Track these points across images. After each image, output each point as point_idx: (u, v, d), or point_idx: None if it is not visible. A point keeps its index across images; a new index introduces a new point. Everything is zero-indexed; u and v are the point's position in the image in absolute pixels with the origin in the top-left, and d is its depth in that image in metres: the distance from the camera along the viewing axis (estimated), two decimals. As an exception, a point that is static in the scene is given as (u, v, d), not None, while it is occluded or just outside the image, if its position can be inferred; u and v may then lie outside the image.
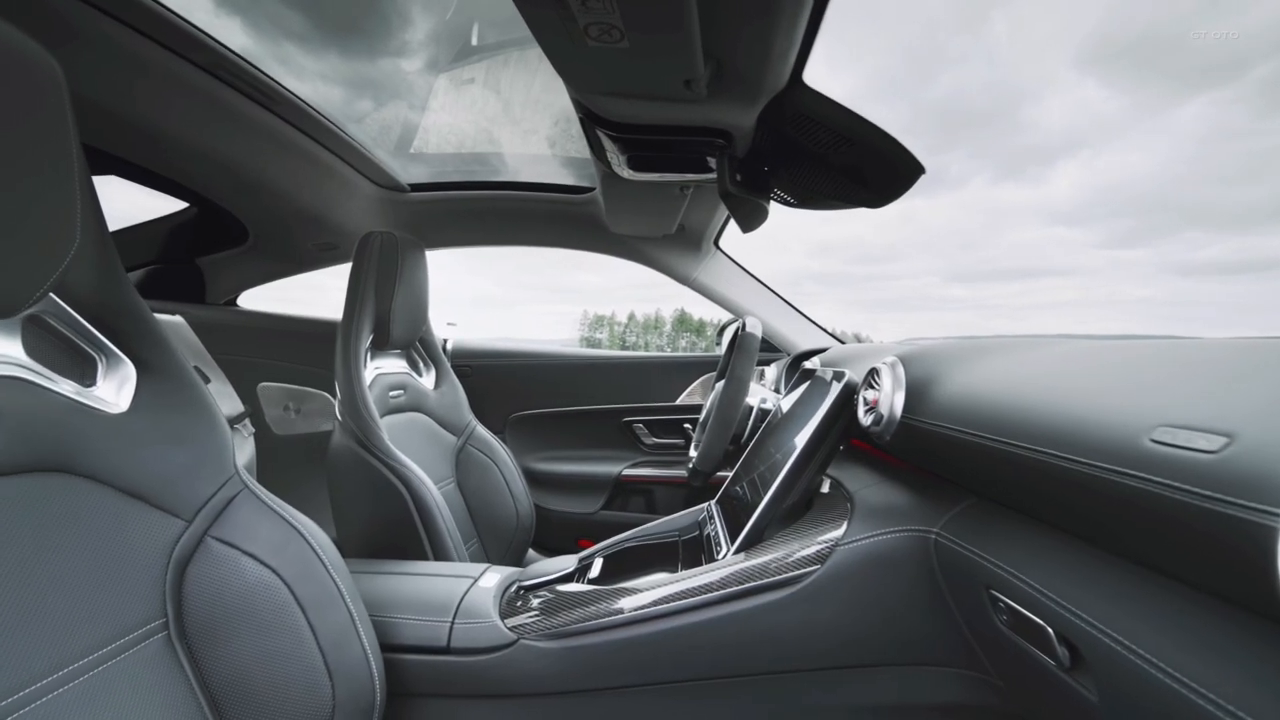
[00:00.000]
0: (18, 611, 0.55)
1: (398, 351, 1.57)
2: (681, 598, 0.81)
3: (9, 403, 0.58)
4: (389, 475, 1.23)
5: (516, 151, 1.83)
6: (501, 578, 0.98)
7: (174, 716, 0.65)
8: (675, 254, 1.95)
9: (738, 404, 1.19)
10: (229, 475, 0.76)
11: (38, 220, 0.56)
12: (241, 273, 1.97)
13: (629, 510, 1.95)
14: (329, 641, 0.74)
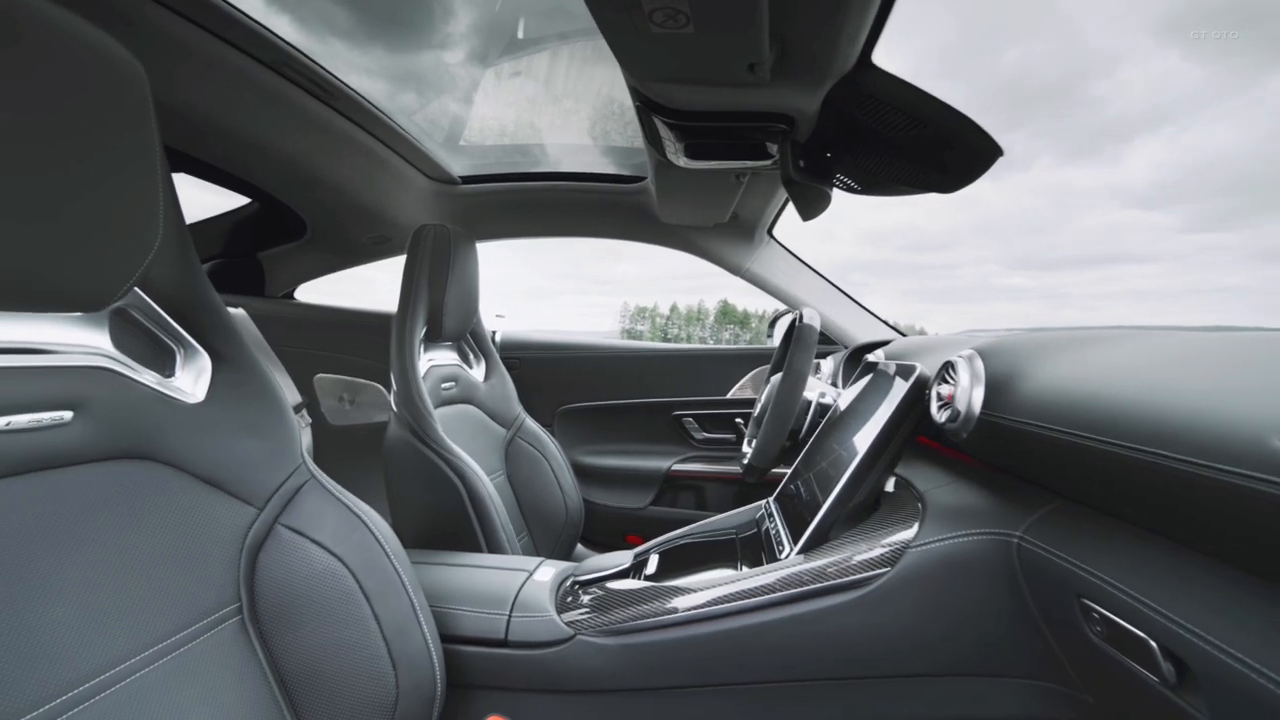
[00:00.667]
0: (112, 591, 0.59)
1: (449, 343, 1.61)
2: (743, 597, 0.80)
3: (99, 392, 0.61)
4: (444, 467, 1.26)
5: (562, 142, 1.84)
6: (557, 572, 0.99)
7: (248, 699, 0.68)
8: (727, 243, 1.93)
9: (795, 398, 1.18)
10: (297, 464, 0.79)
11: (126, 217, 0.59)
12: (299, 266, 2.04)
13: (678, 506, 1.95)
14: (392, 631, 0.76)
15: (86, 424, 0.60)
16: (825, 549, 0.82)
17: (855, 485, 0.84)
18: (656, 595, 0.86)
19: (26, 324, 0.58)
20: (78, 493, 0.58)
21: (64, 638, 0.54)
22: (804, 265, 1.94)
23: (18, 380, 0.55)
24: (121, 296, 0.62)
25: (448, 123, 1.69)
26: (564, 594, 0.94)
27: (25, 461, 0.55)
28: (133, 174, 0.59)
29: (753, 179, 1.53)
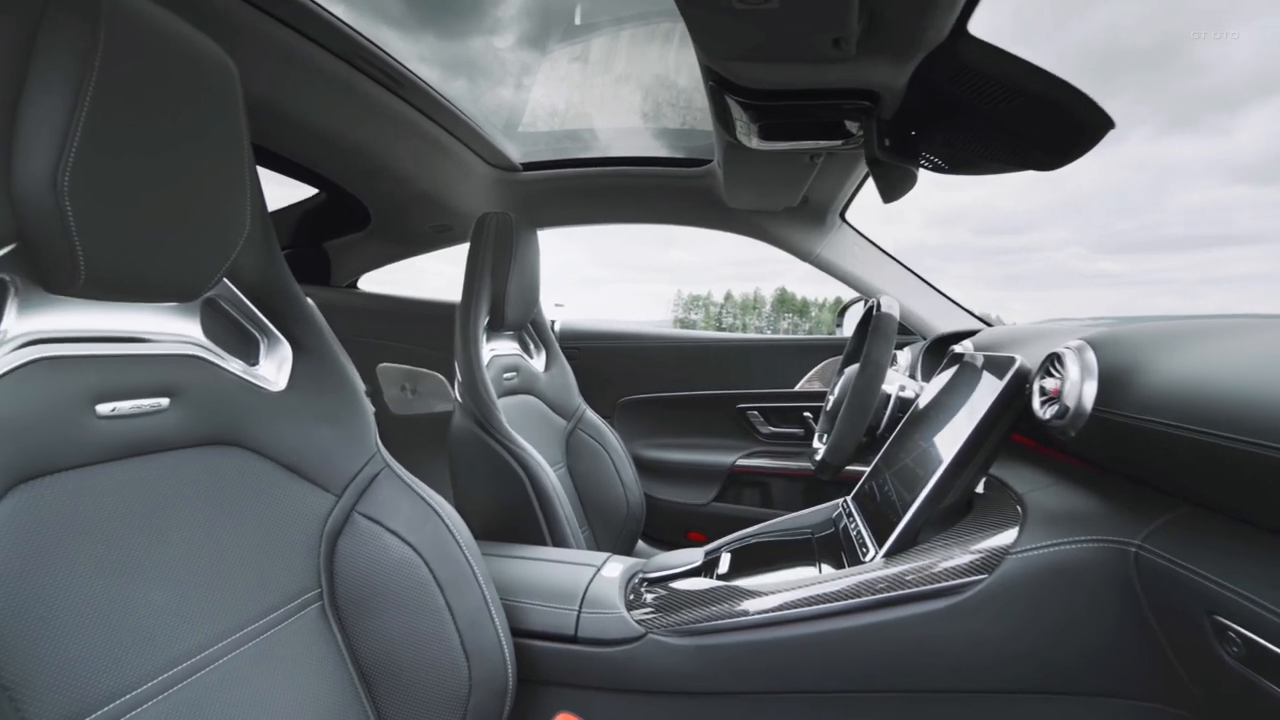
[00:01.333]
0: (204, 575, 0.62)
1: (510, 333, 1.63)
2: (825, 600, 0.79)
3: (193, 380, 0.64)
4: (508, 458, 1.28)
5: (615, 126, 1.84)
6: (625, 568, 0.99)
7: (329, 685, 0.71)
8: (797, 228, 1.90)
9: (874, 391, 1.14)
10: (372, 453, 0.81)
11: (219, 209, 0.62)
12: (363, 255, 2.11)
13: (742, 504, 1.94)
14: (465, 622, 0.78)
15: (181, 410, 0.63)
16: (914, 553, 0.79)
17: (946, 486, 0.82)
18: (731, 595, 0.85)
19: (127, 314, 0.61)
20: (173, 477, 0.62)
21: (161, 619, 0.57)
22: (879, 250, 1.89)
23: (121, 368, 0.58)
24: (213, 287, 0.65)
25: (502, 109, 1.71)
26: (632, 591, 0.94)
27: (128, 446, 0.58)
28: (224, 166, 0.62)
29: (827, 160, 1.49)
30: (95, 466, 0.56)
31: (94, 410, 0.56)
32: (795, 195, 1.70)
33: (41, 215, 0.50)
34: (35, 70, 0.49)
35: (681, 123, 1.76)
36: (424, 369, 2.11)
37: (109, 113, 0.51)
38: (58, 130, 0.49)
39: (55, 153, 0.49)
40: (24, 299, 0.53)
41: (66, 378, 0.54)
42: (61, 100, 0.49)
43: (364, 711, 0.74)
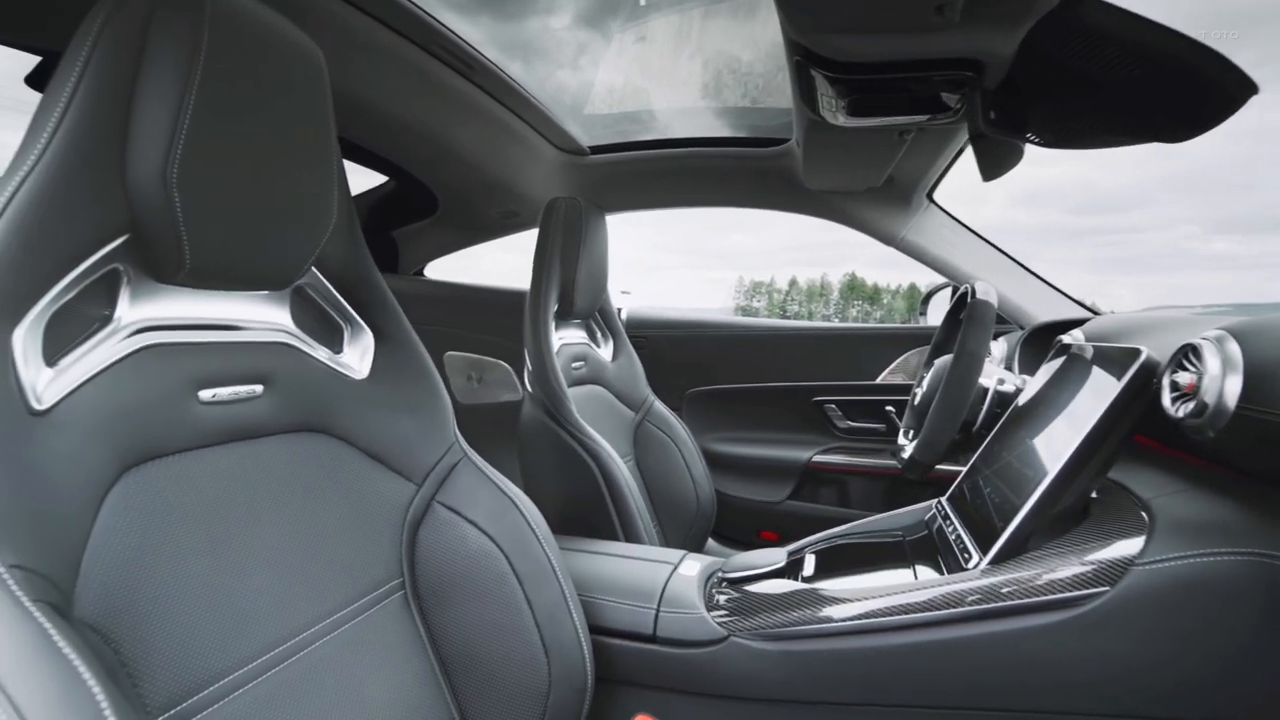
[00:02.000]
0: (298, 560, 0.65)
1: (578, 321, 1.64)
2: (925, 608, 0.76)
3: (284, 367, 0.67)
4: (579, 450, 1.29)
5: (682, 106, 1.83)
6: (703, 566, 0.99)
7: (413, 674, 0.73)
8: (880, 209, 1.84)
9: (970, 385, 1.10)
10: (451, 442, 0.83)
11: (310, 197, 0.65)
12: (430, 243, 2.16)
13: (818, 502, 1.90)
14: (544, 617, 0.79)
15: (274, 397, 0.66)
16: (1023, 560, 0.76)
17: (1060, 489, 0.78)
18: (819, 599, 0.83)
19: (223, 302, 0.64)
20: (268, 463, 0.65)
21: (259, 604, 0.60)
22: (970, 233, 1.82)
23: (220, 355, 0.61)
24: (302, 275, 0.67)
25: (561, 92, 1.71)
26: (712, 591, 0.94)
27: (227, 432, 0.61)
28: (314, 155, 0.65)
29: (916, 136, 1.45)
30: (198, 451, 0.59)
31: (197, 396, 0.59)
32: (880, 175, 1.66)
33: (152, 207, 0.52)
34: (145, 68, 0.52)
35: (748, 100, 1.73)
36: (490, 358, 2.15)
37: (211, 106, 0.54)
38: (167, 124, 0.52)
39: (164, 146, 0.52)
40: (135, 288, 0.57)
41: (172, 364, 0.57)
42: (170, 95, 0.52)
43: (445, 703, 0.76)
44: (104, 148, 0.51)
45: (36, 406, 0.47)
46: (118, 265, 0.55)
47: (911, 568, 0.91)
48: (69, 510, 0.47)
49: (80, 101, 0.50)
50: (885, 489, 1.83)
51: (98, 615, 0.48)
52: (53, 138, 0.49)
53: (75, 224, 0.50)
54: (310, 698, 0.62)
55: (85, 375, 0.51)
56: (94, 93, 0.51)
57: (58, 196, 0.48)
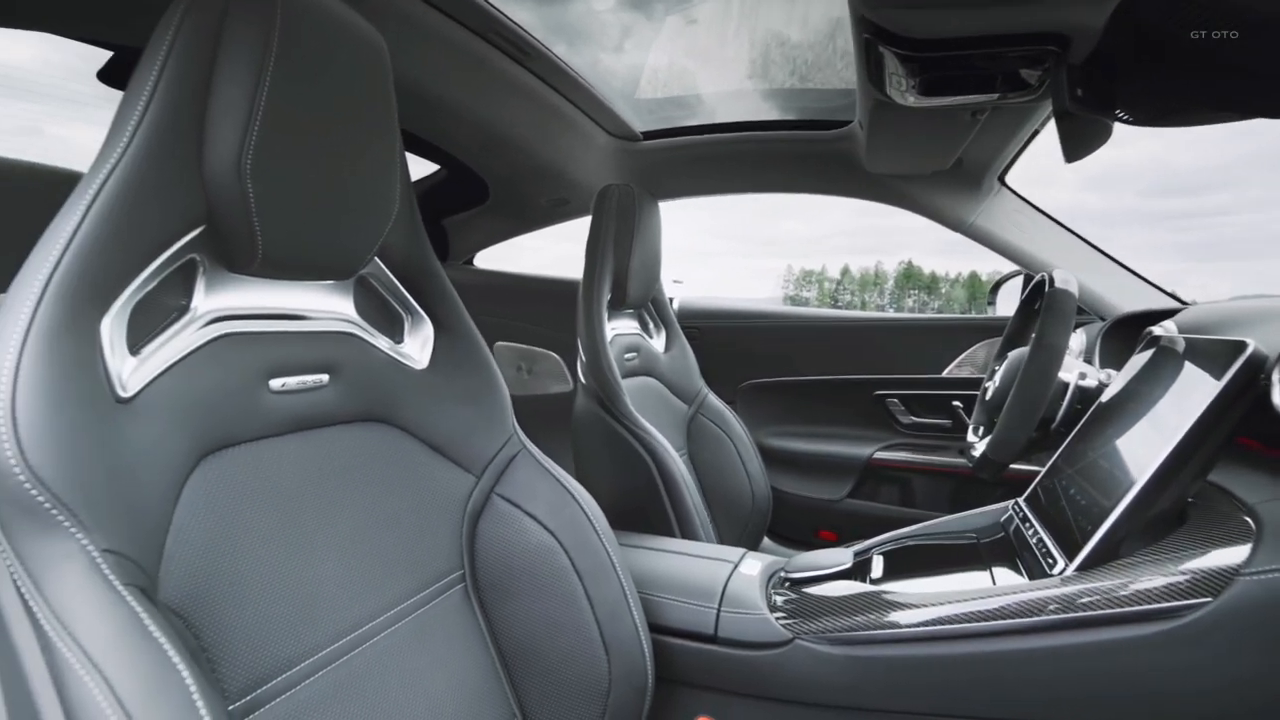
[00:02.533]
0: (364, 550, 0.66)
1: (630, 311, 1.64)
2: (1005, 615, 0.74)
3: (348, 357, 0.69)
4: (633, 443, 1.29)
5: (730, 89, 1.81)
6: (764, 566, 0.98)
7: (474, 667, 0.75)
8: (947, 194, 1.79)
9: (1050, 379, 1.06)
10: (509, 434, 0.84)
11: (374, 187, 0.66)
12: (480, 232, 2.19)
13: (880, 501, 1.87)
14: (604, 614, 0.79)
15: (339, 386, 0.68)
16: (1114, 567, 0.73)
17: (1155, 492, 0.74)
18: (890, 603, 0.82)
19: (290, 291, 0.66)
20: (334, 452, 0.66)
21: (328, 592, 0.62)
22: (1046, 218, 1.76)
23: (288, 344, 0.63)
24: (366, 264, 0.69)
25: (605, 76, 1.71)
26: (774, 591, 0.93)
27: (295, 420, 0.63)
28: (378, 144, 0.66)
29: (990, 115, 1.40)
30: (270, 440, 0.61)
31: (268, 385, 0.61)
32: (949, 157, 1.61)
33: (228, 198, 0.54)
34: (221, 60, 0.54)
35: (796, 78, 1.70)
36: (540, 348, 2.17)
37: (283, 97, 0.55)
38: (241, 116, 0.53)
39: (239, 137, 0.53)
40: (210, 278, 0.59)
41: (245, 353, 0.59)
42: (244, 86, 0.53)
43: (506, 698, 0.77)
44: (183, 140, 0.53)
45: (122, 394, 0.49)
46: (195, 255, 0.57)
47: (988, 572, 0.89)
48: (153, 496, 0.49)
49: (161, 96, 0.52)
50: (951, 488, 1.78)
51: (180, 600, 0.50)
52: (136, 131, 0.50)
53: (157, 215, 0.52)
54: (376, 688, 0.63)
55: (165, 364, 0.53)
56: (173, 87, 0.52)
57: (141, 188, 0.50)
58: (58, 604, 0.40)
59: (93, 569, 0.41)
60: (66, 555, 0.41)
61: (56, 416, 0.43)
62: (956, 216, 1.80)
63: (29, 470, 0.41)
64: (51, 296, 0.45)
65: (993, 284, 2.15)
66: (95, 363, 0.47)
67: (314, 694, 0.58)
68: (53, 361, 0.44)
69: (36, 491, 0.41)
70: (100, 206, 0.48)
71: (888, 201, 1.89)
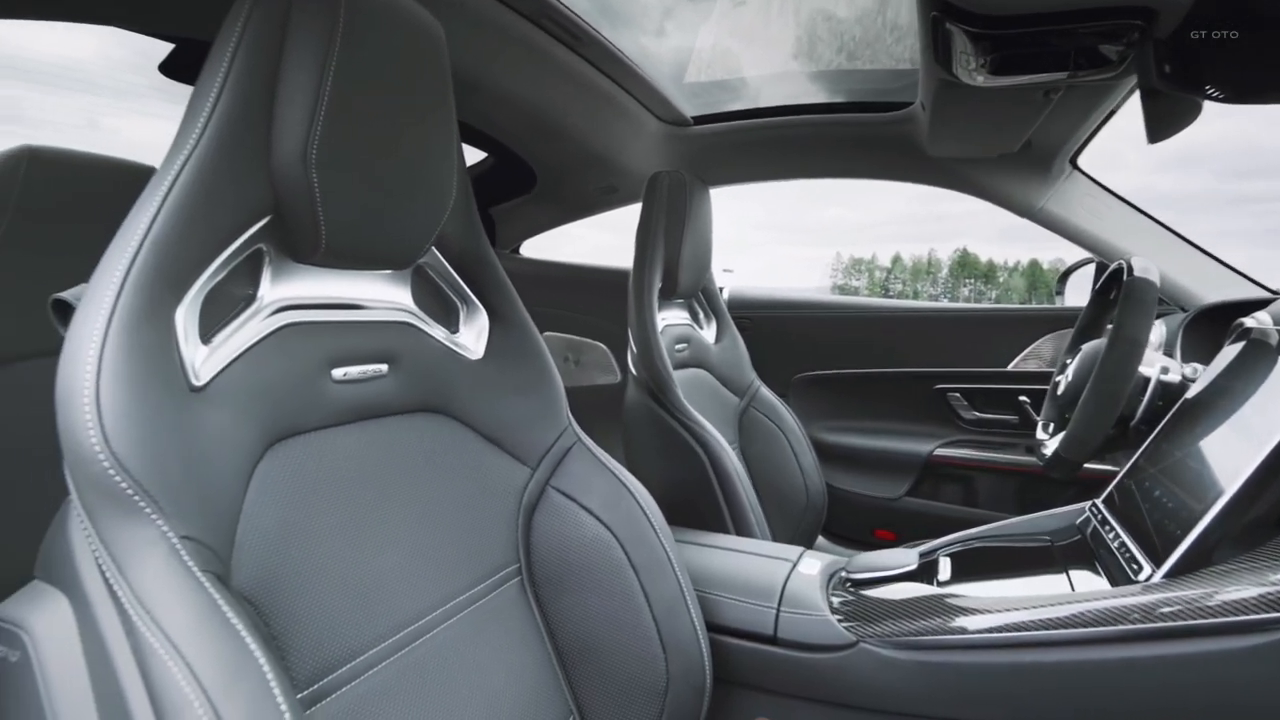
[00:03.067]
0: (424, 541, 0.68)
1: (680, 301, 1.63)
2: (1082, 623, 0.72)
3: (406, 346, 0.70)
4: (686, 436, 1.29)
5: (764, 73, 1.78)
6: (824, 565, 0.97)
7: (531, 662, 0.76)
8: (1014, 177, 1.74)
9: (1129, 374, 1.03)
10: (564, 427, 0.84)
11: (432, 175, 0.67)
12: (527, 220, 2.20)
13: (940, 500, 1.84)
14: (662, 611, 0.79)
15: (398, 376, 0.69)
16: (1206, 575, 0.70)
17: (1252, 495, 0.71)
18: (959, 607, 0.80)
19: (350, 281, 0.67)
20: (394, 442, 0.68)
21: (390, 583, 0.63)
22: (1122, 202, 1.69)
23: (350, 334, 0.65)
24: (424, 253, 0.70)
25: (662, 61, 1.70)
26: (835, 592, 0.92)
27: (356, 410, 0.65)
28: (436, 133, 0.67)
29: (1063, 95, 1.36)
30: (333, 429, 0.62)
31: (330, 374, 0.62)
32: (1018, 139, 1.56)
33: (294, 188, 0.56)
34: (288, 52, 0.55)
35: (844, 56, 1.67)
36: (587, 339, 2.18)
37: (346, 87, 0.56)
38: (307, 107, 0.55)
39: (305, 128, 0.55)
40: (275, 267, 0.60)
41: (309, 343, 0.61)
42: (310, 77, 0.55)
43: (563, 694, 0.78)
44: (252, 132, 0.55)
45: (196, 383, 0.51)
46: (261, 245, 0.59)
47: (1065, 576, 0.86)
48: (225, 484, 0.51)
49: (230, 88, 0.53)
50: (1016, 487, 1.74)
51: (250, 588, 0.51)
52: (207, 124, 0.52)
53: (227, 206, 0.53)
54: (438, 680, 0.64)
55: (235, 353, 0.55)
56: (242, 79, 0.54)
57: (213, 180, 0.52)
58: (140, 588, 0.42)
59: (173, 555, 0.43)
60: (148, 541, 0.43)
61: (138, 404, 0.45)
62: (1025, 201, 1.75)
63: (113, 457, 0.43)
64: (131, 287, 0.46)
65: (1060, 273, 2.09)
66: (171, 352, 0.49)
67: (377, 684, 0.59)
68: (133, 350, 0.45)
69: (120, 478, 0.43)
70: (175, 198, 0.49)
71: (950, 186, 1.84)
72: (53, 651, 0.44)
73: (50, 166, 1.12)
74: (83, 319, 0.45)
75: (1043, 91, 1.29)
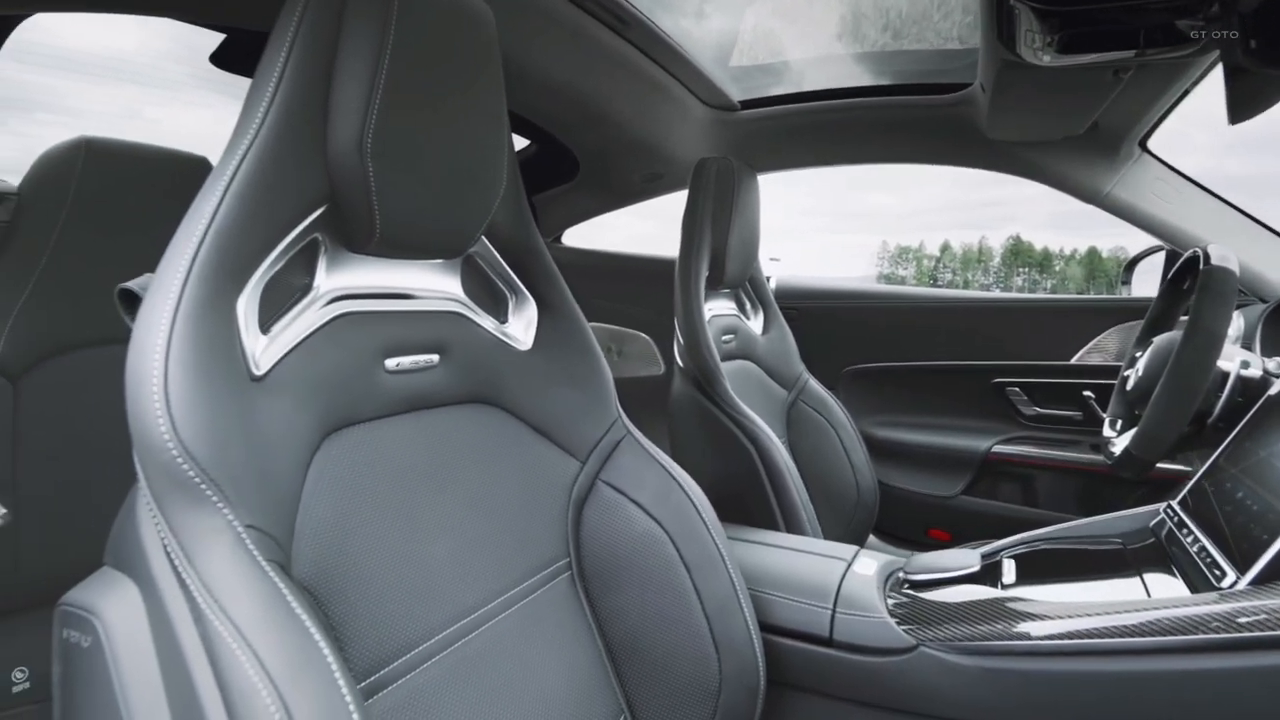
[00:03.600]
0: (475, 534, 0.68)
1: (727, 291, 1.63)
2: (1158, 631, 0.70)
3: (456, 337, 0.71)
4: (734, 430, 1.28)
5: (807, 56, 1.75)
6: (880, 565, 0.96)
7: (582, 658, 0.76)
8: (1079, 161, 1.69)
9: (1207, 368, 1.00)
10: (614, 419, 0.85)
11: (483, 164, 0.67)
12: (570, 208, 2.21)
13: (998, 499, 1.80)
14: (714, 609, 0.79)
15: (449, 367, 0.70)
16: None
17: (1349, 499, 0.68)
18: (1026, 611, 0.79)
19: (402, 271, 0.68)
20: (446, 433, 0.69)
21: (443, 576, 0.64)
22: (1196, 186, 1.63)
23: (401, 324, 0.66)
24: (475, 242, 0.71)
25: (707, 44, 1.68)
26: (893, 593, 0.90)
27: (409, 400, 0.66)
28: (487, 120, 0.67)
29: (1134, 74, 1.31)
30: (386, 419, 0.63)
31: (383, 364, 0.63)
32: (1084, 121, 1.52)
33: (349, 177, 0.57)
34: (343, 39, 0.56)
35: (891, 39, 1.64)
36: (629, 329, 2.19)
37: (401, 75, 0.57)
38: (362, 95, 0.56)
39: (360, 117, 0.56)
40: (330, 257, 0.62)
41: (364, 332, 0.62)
42: (365, 65, 0.56)
43: (613, 692, 0.78)
44: (309, 121, 0.56)
45: (256, 372, 0.52)
46: (318, 235, 0.60)
47: (1139, 581, 0.84)
48: (285, 474, 0.52)
49: (289, 79, 0.54)
50: (1080, 487, 1.70)
51: (310, 578, 0.53)
52: (266, 115, 0.53)
53: (286, 195, 0.54)
54: (491, 675, 0.65)
55: (292, 342, 0.56)
56: (300, 70, 0.55)
57: (272, 169, 0.53)
58: (208, 577, 0.43)
59: (238, 544, 0.44)
60: (214, 530, 0.44)
61: (203, 393, 0.46)
62: (1090, 186, 1.69)
63: (180, 445, 0.44)
64: (196, 276, 0.47)
65: (1127, 261, 2.02)
66: (233, 341, 0.50)
67: (433, 677, 0.60)
68: (199, 340, 0.46)
69: (188, 466, 0.44)
70: (236, 188, 0.51)
71: (1010, 171, 1.80)
72: (123, 637, 0.46)
73: (106, 157, 1.16)
74: (150, 308, 0.46)
75: (1112, 71, 1.25)
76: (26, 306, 1.11)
